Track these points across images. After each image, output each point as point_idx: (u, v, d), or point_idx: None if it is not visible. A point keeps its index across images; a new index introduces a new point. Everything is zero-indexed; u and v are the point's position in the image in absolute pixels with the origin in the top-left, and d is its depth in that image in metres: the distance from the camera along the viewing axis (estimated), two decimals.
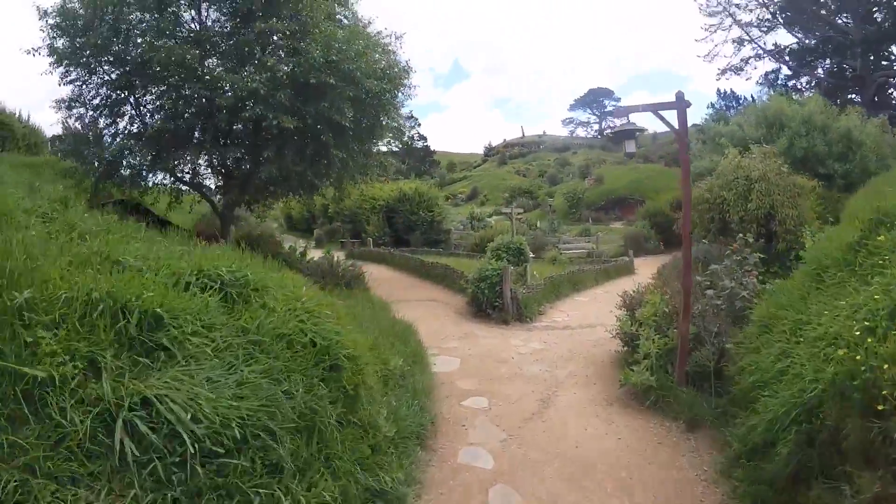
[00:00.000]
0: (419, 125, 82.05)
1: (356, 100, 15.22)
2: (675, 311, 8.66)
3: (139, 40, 14.44)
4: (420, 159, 76.76)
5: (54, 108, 15.56)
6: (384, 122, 18.17)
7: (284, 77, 14.40)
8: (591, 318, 14.71)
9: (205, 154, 16.12)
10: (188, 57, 13.85)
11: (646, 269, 23.55)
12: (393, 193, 35.46)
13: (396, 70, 16.86)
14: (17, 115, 20.95)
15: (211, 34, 15.54)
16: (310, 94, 14.53)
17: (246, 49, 15.09)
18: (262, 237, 20.91)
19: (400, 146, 70.93)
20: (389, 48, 17.17)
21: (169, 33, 14.58)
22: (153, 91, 15.92)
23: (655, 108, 7.79)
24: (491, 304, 14.44)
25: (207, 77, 14.19)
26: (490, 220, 40.07)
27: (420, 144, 78.62)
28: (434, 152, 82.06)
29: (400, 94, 17.69)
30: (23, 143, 18.90)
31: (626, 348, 10.00)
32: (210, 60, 15.14)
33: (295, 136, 14.93)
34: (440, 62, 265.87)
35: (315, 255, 20.22)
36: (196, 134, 15.74)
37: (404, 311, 14.72)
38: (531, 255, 18.37)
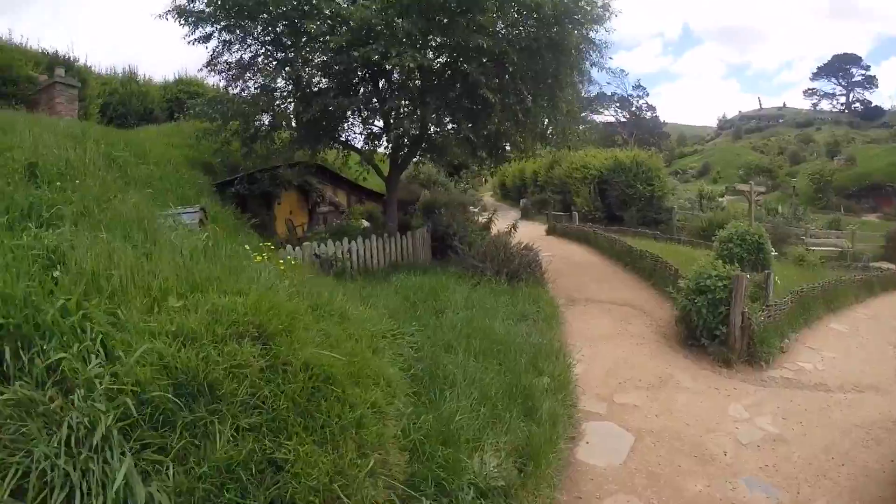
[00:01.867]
0: (647, 94, 74.61)
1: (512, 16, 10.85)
2: None
3: None
4: (648, 131, 69.41)
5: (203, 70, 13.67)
6: (575, 62, 12.97)
7: None
8: (855, 368, 8.96)
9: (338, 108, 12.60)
10: None
11: None
12: (607, 162, 29.00)
13: None
14: (213, 85, 20.80)
15: None
16: (446, 18, 10.40)
17: None
18: (450, 204, 17.02)
19: (626, 116, 65.30)
20: None
21: None
22: (294, 43, 12.80)
23: None
24: (709, 332, 8.99)
25: (327, 12, 10.97)
26: (722, 201, 33.24)
27: (649, 115, 71.14)
28: (664, 124, 74.18)
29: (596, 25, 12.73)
30: None
31: None
32: None
33: (435, 79, 10.85)
34: (669, 27, 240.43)
35: (524, 227, 16.08)
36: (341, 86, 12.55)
37: (583, 322, 10.61)
38: (773, 253, 12.67)
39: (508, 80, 11.28)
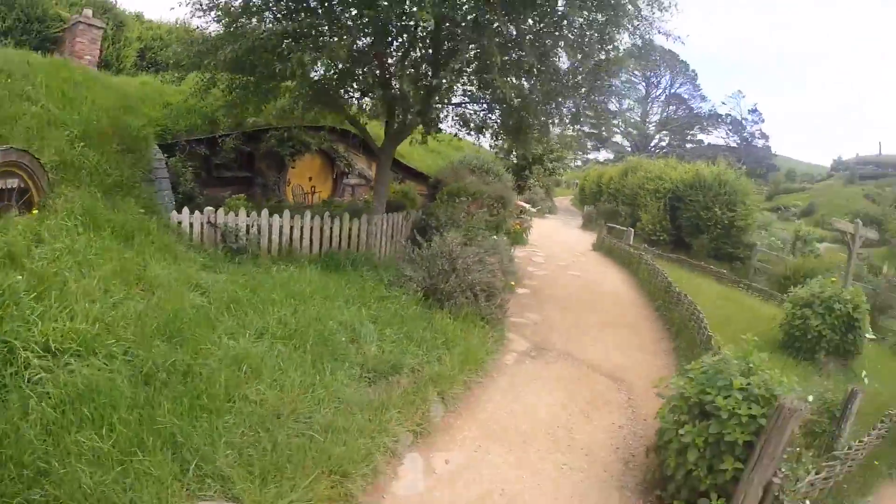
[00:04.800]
0: (763, 121, 66.50)
1: None
2: None
3: None
4: (757, 160, 61.36)
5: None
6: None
7: None
8: None
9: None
10: None
11: None
12: (686, 176, 22.96)
13: None
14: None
15: None
16: None
17: None
18: (479, 195, 13.54)
19: (738, 141, 58.15)
20: None
21: None
22: None
23: None
24: (691, 494, 4.13)
25: None
26: (818, 247, 26.49)
27: (761, 143, 63.12)
28: (775, 155, 65.90)
29: None
30: None
31: None
32: None
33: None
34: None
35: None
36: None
37: (517, 395, 6.25)
38: (868, 334, 7.85)
39: None
